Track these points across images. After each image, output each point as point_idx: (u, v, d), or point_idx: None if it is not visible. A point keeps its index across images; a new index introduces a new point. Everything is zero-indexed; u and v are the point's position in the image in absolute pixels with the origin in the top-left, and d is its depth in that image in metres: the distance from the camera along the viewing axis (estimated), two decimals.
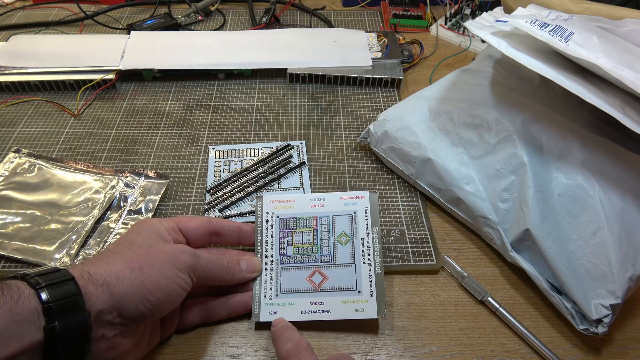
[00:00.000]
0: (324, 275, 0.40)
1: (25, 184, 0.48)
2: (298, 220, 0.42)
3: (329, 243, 0.41)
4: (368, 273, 0.40)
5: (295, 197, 0.44)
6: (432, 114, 0.49)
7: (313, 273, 0.40)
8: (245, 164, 0.52)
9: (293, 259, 0.41)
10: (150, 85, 0.62)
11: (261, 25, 0.71)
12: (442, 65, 0.67)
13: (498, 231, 0.43)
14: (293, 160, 0.52)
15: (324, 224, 0.42)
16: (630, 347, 0.40)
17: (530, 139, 0.43)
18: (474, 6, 0.73)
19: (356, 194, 0.43)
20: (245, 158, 0.52)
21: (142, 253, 0.34)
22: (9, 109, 0.58)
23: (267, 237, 0.42)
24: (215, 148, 0.53)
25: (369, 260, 0.41)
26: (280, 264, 0.41)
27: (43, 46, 0.63)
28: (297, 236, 0.42)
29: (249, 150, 0.53)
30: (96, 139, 0.55)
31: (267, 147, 0.53)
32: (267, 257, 0.41)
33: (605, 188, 0.39)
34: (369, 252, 0.41)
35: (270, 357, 0.38)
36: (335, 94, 0.62)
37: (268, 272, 0.41)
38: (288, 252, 0.41)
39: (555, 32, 0.39)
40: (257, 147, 0.53)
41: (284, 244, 0.41)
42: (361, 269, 0.40)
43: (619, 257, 0.37)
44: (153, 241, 0.36)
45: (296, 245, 0.41)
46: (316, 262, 0.41)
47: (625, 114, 0.37)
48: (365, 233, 0.42)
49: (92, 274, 0.31)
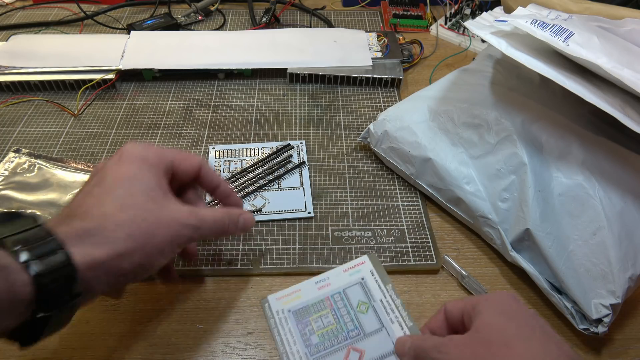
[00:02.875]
0: (359, 349, 0.38)
1: (25, 183, 0.48)
2: (311, 307, 0.41)
3: (350, 317, 0.40)
4: (401, 330, 0.39)
5: (300, 286, 0.42)
6: (432, 114, 0.49)
7: (348, 353, 0.38)
8: (245, 163, 0.52)
9: (322, 346, 0.38)
10: (150, 85, 0.62)
11: (261, 25, 0.71)
12: (442, 65, 0.67)
13: (498, 231, 0.43)
14: (293, 160, 0.52)
15: (339, 301, 0.41)
16: (630, 347, 0.40)
17: (531, 138, 0.43)
18: (474, 6, 0.73)
19: (357, 262, 0.43)
20: (245, 158, 0.52)
21: (144, 206, 0.31)
22: (9, 109, 0.58)
23: (286, 336, 0.39)
24: (215, 148, 0.53)
25: (396, 318, 0.40)
26: (310, 356, 0.38)
27: (43, 46, 0.63)
28: (317, 322, 0.40)
29: (249, 150, 0.53)
30: (96, 139, 0.55)
31: (267, 147, 0.53)
32: (293, 355, 0.38)
33: (605, 188, 0.39)
34: (392, 310, 0.40)
35: (270, 357, 0.38)
36: (335, 93, 0.62)
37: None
38: (313, 341, 0.39)
39: (555, 32, 0.39)
40: (257, 147, 0.53)
41: (306, 334, 0.39)
42: (392, 329, 0.39)
43: (619, 257, 0.37)
44: (155, 195, 0.33)
45: (319, 332, 0.39)
46: (346, 341, 0.39)
47: (625, 113, 0.37)
48: (381, 293, 0.41)
49: (82, 228, 0.29)
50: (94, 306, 0.40)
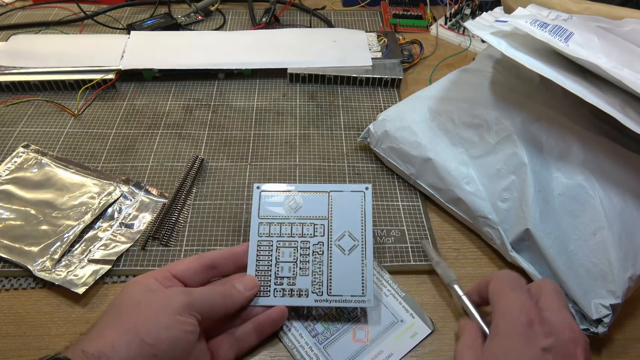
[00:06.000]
0: (364, 327, 0.39)
1: (27, 180, 0.48)
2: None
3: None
4: (396, 301, 0.40)
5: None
6: (432, 114, 0.49)
7: (354, 333, 0.39)
8: None
9: (328, 332, 0.39)
10: (150, 85, 0.62)
11: (261, 25, 0.71)
12: (442, 65, 0.67)
13: (498, 231, 0.43)
14: None
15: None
16: (630, 347, 0.40)
17: (531, 138, 0.43)
18: (474, 6, 0.73)
19: None
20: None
21: (132, 312, 0.32)
22: (9, 109, 0.58)
23: (291, 331, 0.39)
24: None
25: (389, 291, 0.41)
26: (319, 344, 0.38)
27: (43, 46, 0.63)
28: (317, 311, 0.40)
29: None
30: (96, 139, 0.55)
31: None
32: (303, 348, 0.38)
33: (605, 188, 0.39)
34: (383, 285, 0.41)
35: (270, 357, 0.38)
36: (335, 93, 0.62)
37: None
38: (318, 330, 0.39)
39: (555, 32, 0.39)
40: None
41: (309, 325, 0.40)
42: (388, 301, 0.41)
43: (619, 257, 0.37)
44: (141, 297, 0.34)
45: (321, 320, 0.40)
46: (349, 322, 0.40)
47: (625, 114, 0.37)
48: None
49: (86, 350, 0.29)
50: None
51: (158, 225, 0.46)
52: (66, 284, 0.41)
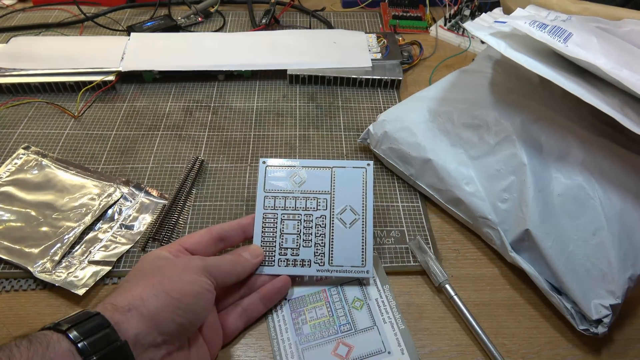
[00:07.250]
0: (348, 344, 0.39)
1: (27, 182, 0.48)
2: (307, 298, 0.41)
3: (344, 312, 0.40)
4: (392, 331, 0.39)
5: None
6: (432, 115, 0.49)
7: (337, 346, 0.39)
8: None
9: (312, 336, 0.39)
10: (150, 86, 0.62)
11: (261, 26, 0.71)
12: (441, 66, 0.67)
13: (498, 231, 0.43)
14: None
15: (334, 294, 0.41)
16: (630, 347, 0.40)
17: (530, 139, 0.43)
18: (474, 7, 0.74)
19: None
20: None
21: (156, 272, 0.34)
22: (9, 111, 0.58)
23: (279, 322, 0.40)
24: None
25: (389, 318, 0.40)
26: (300, 345, 0.39)
27: (43, 48, 0.63)
28: (311, 313, 0.40)
29: None
30: (96, 141, 0.55)
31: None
32: (284, 342, 0.39)
33: (605, 188, 0.39)
34: (386, 310, 0.40)
35: (269, 357, 0.38)
36: (335, 95, 0.62)
37: (289, 357, 0.38)
38: (305, 331, 0.39)
39: (554, 33, 0.39)
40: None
41: (298, 324, 0.40)
42: (384, 328, 0.39)
43: (619, 257, 0.37)
44: (161, 262, 0.36)
45: (312, 322, 0.40)
46: (337, 334, 0.39)
47: (624, 114, 0.37)
48: (378, 293, 0.41)
49: (115, 303, 0.31)
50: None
51: (158, 227, 0.46)
52: (66, 285, 0.41)
